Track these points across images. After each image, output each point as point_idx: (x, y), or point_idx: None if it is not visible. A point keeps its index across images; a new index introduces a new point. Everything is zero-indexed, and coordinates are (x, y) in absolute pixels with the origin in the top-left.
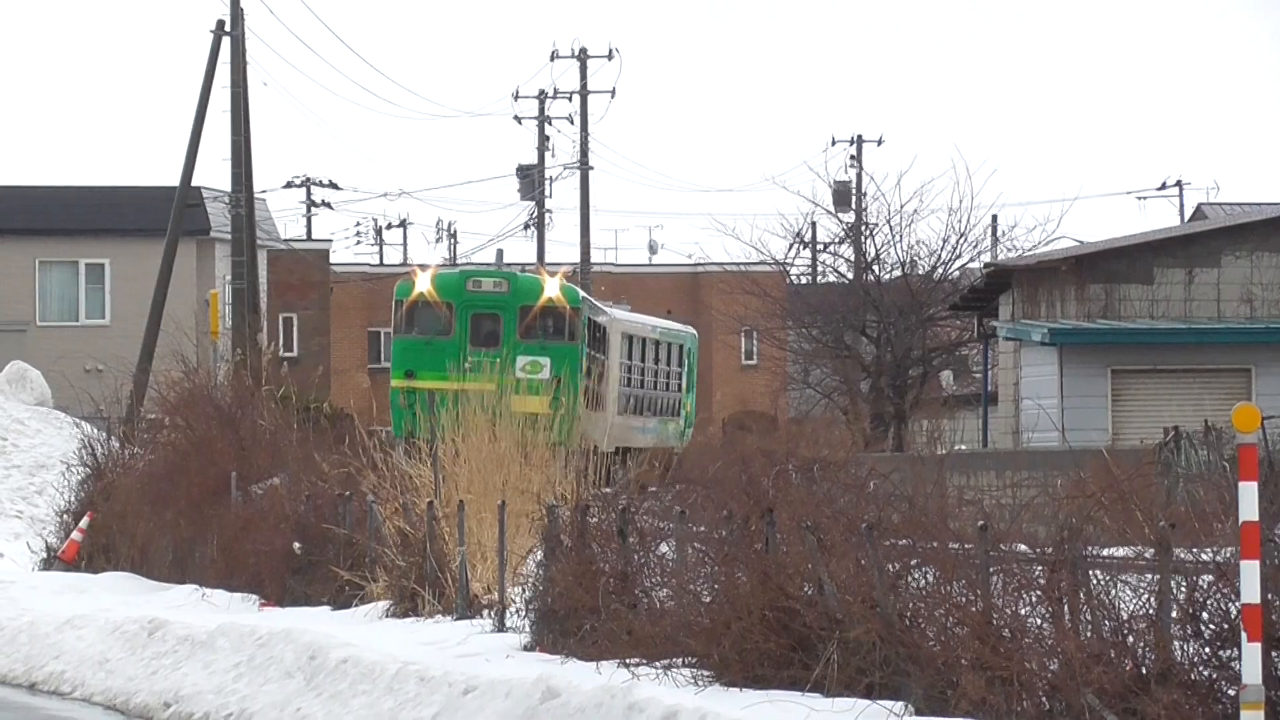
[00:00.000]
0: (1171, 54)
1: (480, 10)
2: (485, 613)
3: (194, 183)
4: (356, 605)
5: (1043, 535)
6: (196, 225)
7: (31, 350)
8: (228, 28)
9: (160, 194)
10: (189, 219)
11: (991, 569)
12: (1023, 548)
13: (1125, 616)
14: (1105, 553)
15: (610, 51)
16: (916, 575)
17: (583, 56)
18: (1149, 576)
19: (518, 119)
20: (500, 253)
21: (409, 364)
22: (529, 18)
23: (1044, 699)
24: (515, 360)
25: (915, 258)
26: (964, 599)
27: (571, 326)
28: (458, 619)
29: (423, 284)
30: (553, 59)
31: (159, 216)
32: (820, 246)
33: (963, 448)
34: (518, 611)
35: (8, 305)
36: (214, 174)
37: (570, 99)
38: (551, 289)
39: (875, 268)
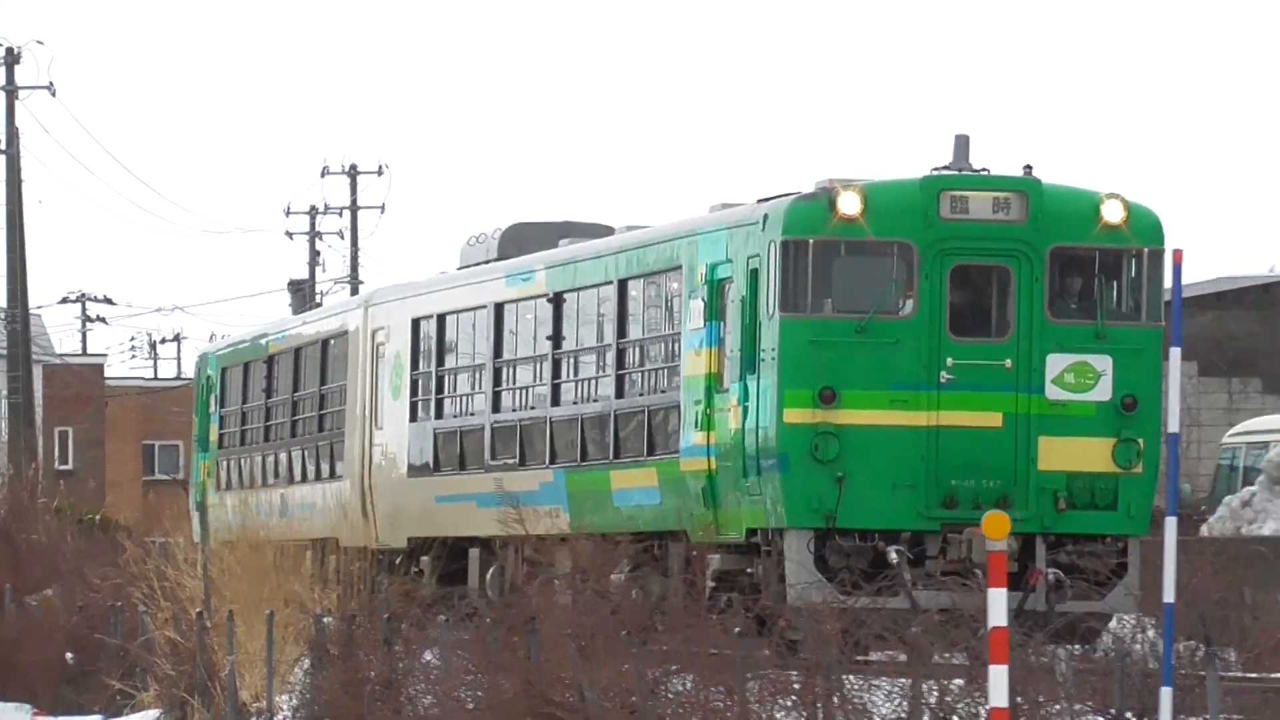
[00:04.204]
0: None
1: (252, 128)
2: None
3: None
4: (128, 714)
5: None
6: None
7: None
8: (3, 146)
9: None
10: None
11: (749, 675)
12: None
13: (883, 717)
14: (860, 658)
15: (380, 168)
16: (676, 681)
17: (353, 172)
18: (902, 681)
19: (289, 234)
20: (963, 141)
21: (825, 374)
22: (301, 135)
23: None
24: (1045, 362)
25: None
26: (721, 704)
27: (1156, 287)
28: None
29: (849, 205)
30: (324, 175)
31: None
32: None
33: None
34: (285, 719)
35: None
36: None
37: (341, 214)
38: (1112, 211)
39: None
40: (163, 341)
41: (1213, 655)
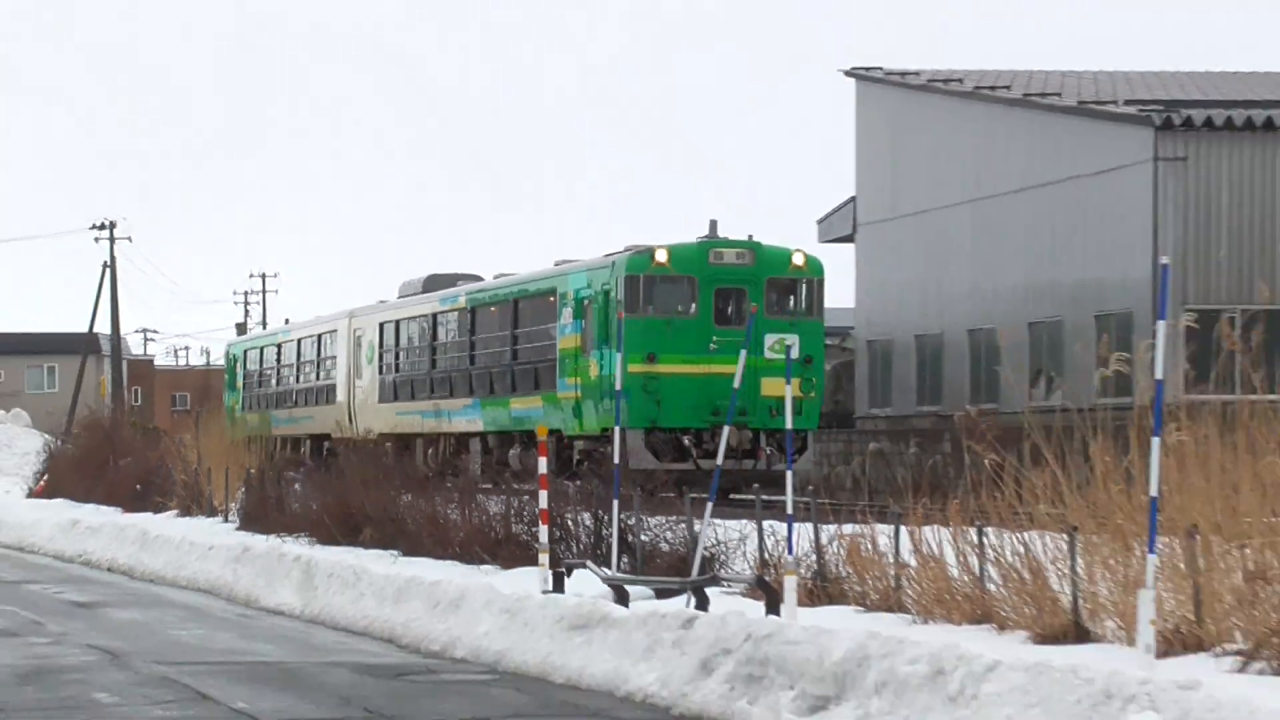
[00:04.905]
0: None
1: (220, 259)
2: (220, 513)
3: (95, 329)
4: (164, 512)
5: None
6: (95, 349)
7: (25, 403)
8: (109, 264)
9: (80, 336)
10: (92, 346)
11: (437, 494)
12: (449, 484)
13: (494, 512)
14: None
15: (275, 274)
16: (407, 496)
17: (263, 276)
18: (504, 496)
19: (235, 303)
20: (714, 223)
21: (650, 346)
22: (242, 261)
23: (459, 549)
24: (764, 339)
25: None
26: (424, 506)
27: (819, 299)
28: (207, 517)
29: (661, 256)
30: (250, 277)
31: (79, 345)
32: None
33: None
34: (235, 513)
35: (11, 385)
36: (100, 323)
37: (259, 295)
38: (798, 258)
39: None
40: (180, 350)
41: (654, 484)
